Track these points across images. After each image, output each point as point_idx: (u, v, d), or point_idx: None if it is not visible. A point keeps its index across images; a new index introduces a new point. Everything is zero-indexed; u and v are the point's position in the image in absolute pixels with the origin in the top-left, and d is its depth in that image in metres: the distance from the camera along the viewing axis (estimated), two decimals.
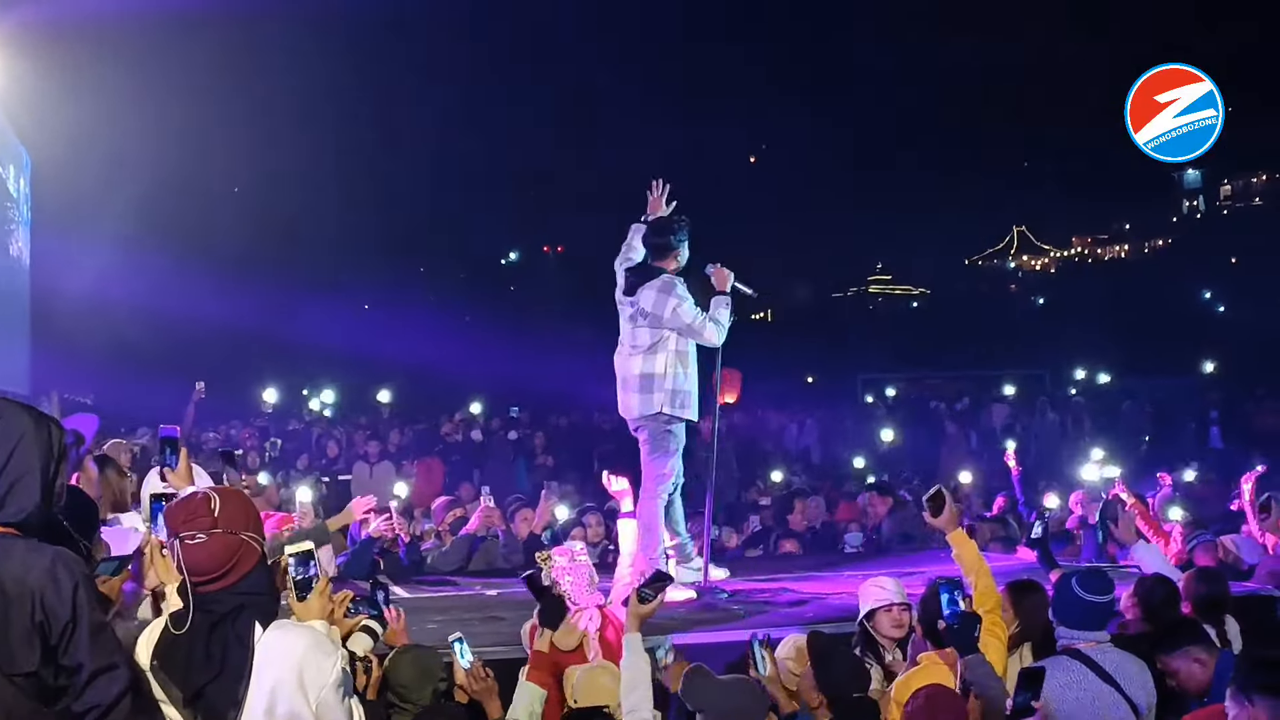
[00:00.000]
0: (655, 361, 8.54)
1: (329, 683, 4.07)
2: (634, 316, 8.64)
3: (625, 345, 8.73)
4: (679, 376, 8.58)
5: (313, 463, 16.21)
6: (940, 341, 40.97)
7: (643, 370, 8.57)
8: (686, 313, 8.52)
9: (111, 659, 3.97)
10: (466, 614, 8.03)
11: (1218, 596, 7.24)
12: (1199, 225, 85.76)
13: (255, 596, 4.16)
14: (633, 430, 8.84)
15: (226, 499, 4.24)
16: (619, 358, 8.80)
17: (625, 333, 8.74)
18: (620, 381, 8.76)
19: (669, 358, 8.54)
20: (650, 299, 8.53)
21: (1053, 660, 5.91)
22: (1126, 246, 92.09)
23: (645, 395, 8.58)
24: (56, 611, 3.89)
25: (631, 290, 8.66)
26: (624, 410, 8.77)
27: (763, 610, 8.30)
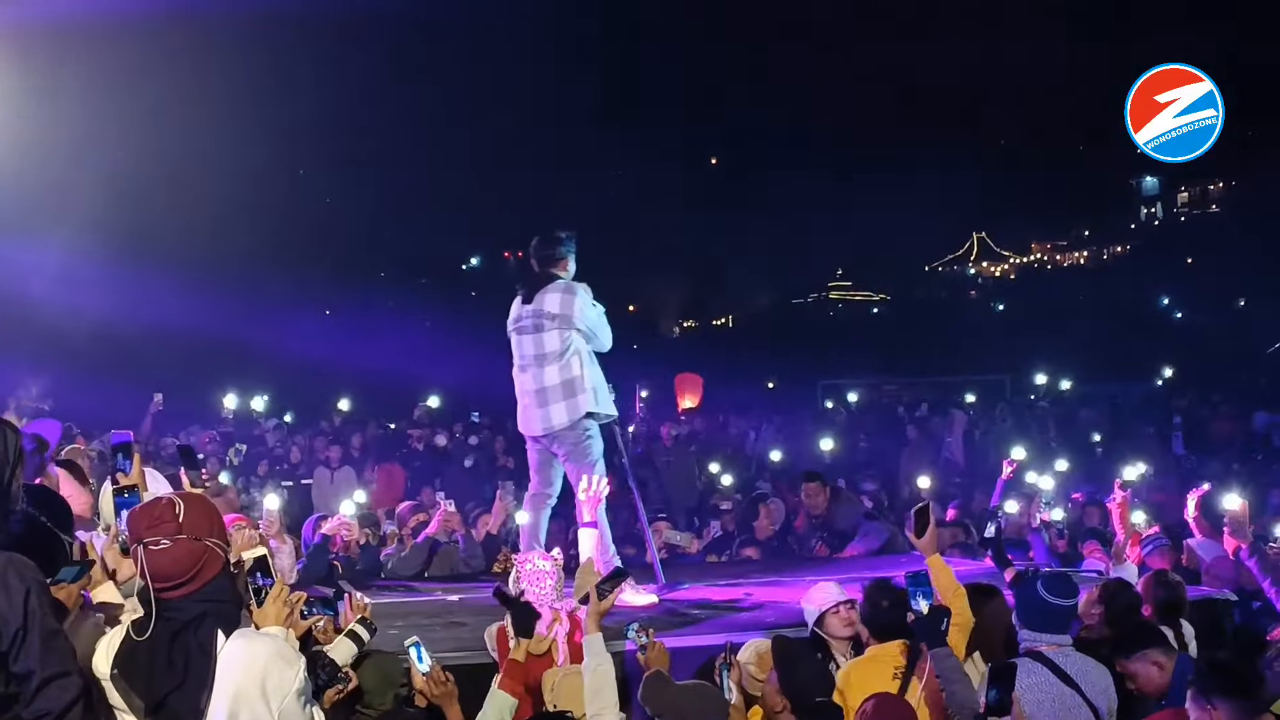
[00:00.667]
0: (571, 365, 8.47)
1: (291, 691, 4.05)
2: (538, 325, 8.52)
3: (530, 359, 8.58)
4: (594, 375, 8.55)
5: (273, 468, 16.14)
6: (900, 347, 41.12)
7: (562, 378, 8.47)
8: (593, 312, 8.55)
9: (63, 666, 3.91)
10: (427, 619, 8.00)
11: (1175, 600, 7.29)
12: (1157, 232, 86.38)
13: (218, 604, 4.14)
14: (545, 446, 8.68)
15: (191, 504, 4.21)
16: (525, 375, 8.63)
17: (528, 346, 8.59)
18: (533, 396, 8.57)
19: (582, 358, 8.49)
20: (556, 300, 8.48)
21: (1015, 662, 5.97)
22: (1085, 253, 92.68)
23: (571, 401, 8.48)
24: (7, 618, 3.84)
25: (530, 298, 8.59)
26: (541, 425, 8.58)
27: (724, 615, 8.30)
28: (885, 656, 6.25)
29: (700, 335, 56.75)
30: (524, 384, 8.63)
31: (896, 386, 31.43)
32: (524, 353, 8.62)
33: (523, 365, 8.64)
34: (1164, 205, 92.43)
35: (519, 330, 8.64)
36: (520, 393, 8.67)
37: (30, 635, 3.86)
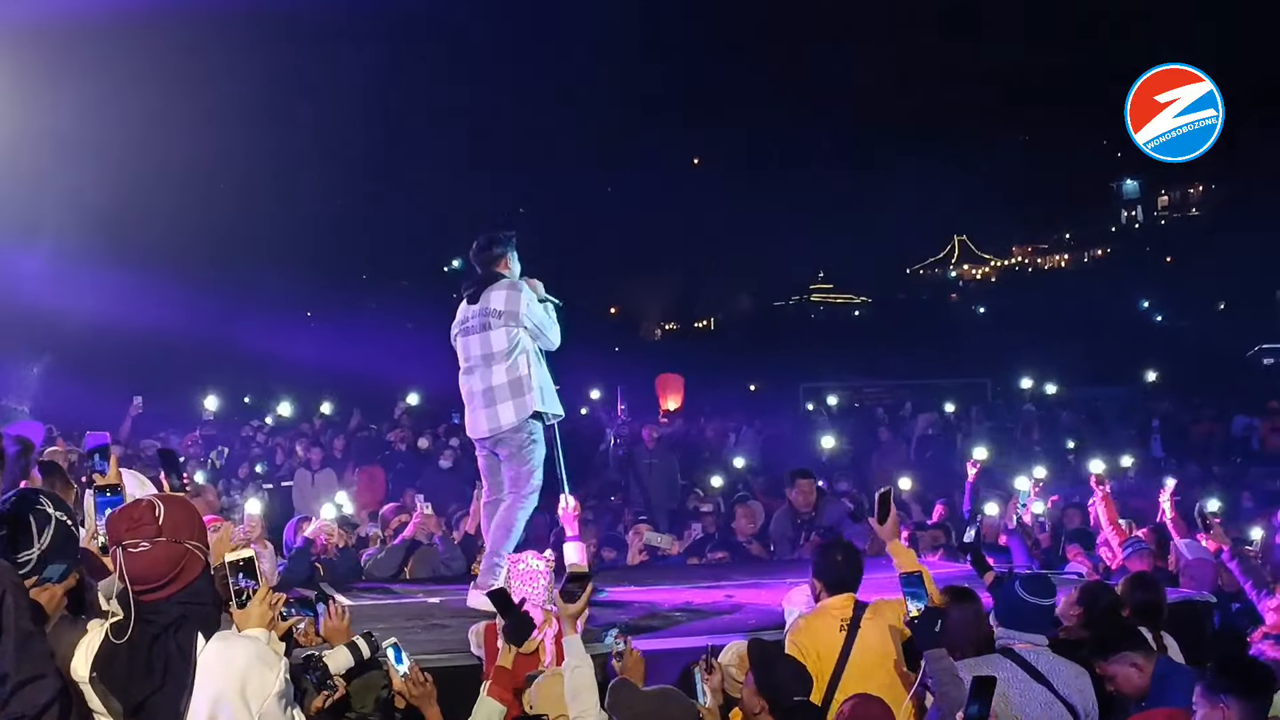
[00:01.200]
0: (518, 364, 8.35)
1: (271, 694, 4.04)
2: (485, 323, 8.41)
3: (477, 359, 8.44)
4: (541, 374, 8.43)
5: (254, 470, 16.11)
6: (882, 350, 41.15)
7: (509, 377, 8.35)
8: (538, 311, 8.44)
9: (38, 669, 3.86)
10: (408, 621, 7.99)
11: (1153, 602, 7.31)
12: (1138, 235, 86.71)
13: (198, 606, 4.12)
14: (490, 449, 8.56)
15: (171, 506, 4.19)
16: (473, 377, 8.48)
17: (475, 346, 8.47)
18: (480, 397, 8.42)
19: (529, 357, 8.38)
20: (502, 298, 8.38)
21: (984, 659, 5.99)
22: (1066, 256, 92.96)
23: (519, 400, 8.34)
24: None
25: (475, 298, 8.50)
26: (487, 425, 8.44)
27: (706, 617, 8.31)
28: (834, 608, 6.42)
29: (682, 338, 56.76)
30: (471, 385, 8.49)
31: (878, 389, 31.45)
32: (471, 354, 8.49)
33: (470, 367, 8.51)
34: (1144, 208, 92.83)
35: (465, 331, 8.52)
36: (467, 395, 8.52)
37: (5, 637, 3.81)
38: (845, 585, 6.53)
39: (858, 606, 6.42)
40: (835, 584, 6.54)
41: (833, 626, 6.34)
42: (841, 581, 6.54)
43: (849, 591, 6.51)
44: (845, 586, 6.53)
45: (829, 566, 6.62)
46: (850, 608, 6.40)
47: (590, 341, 26.98)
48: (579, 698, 5.57)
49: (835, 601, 6.46)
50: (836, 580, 6.55)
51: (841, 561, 6.59)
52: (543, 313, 8.47)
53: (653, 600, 8.87)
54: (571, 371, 21.95)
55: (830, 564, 6.62)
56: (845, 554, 6.65)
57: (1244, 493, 14.46)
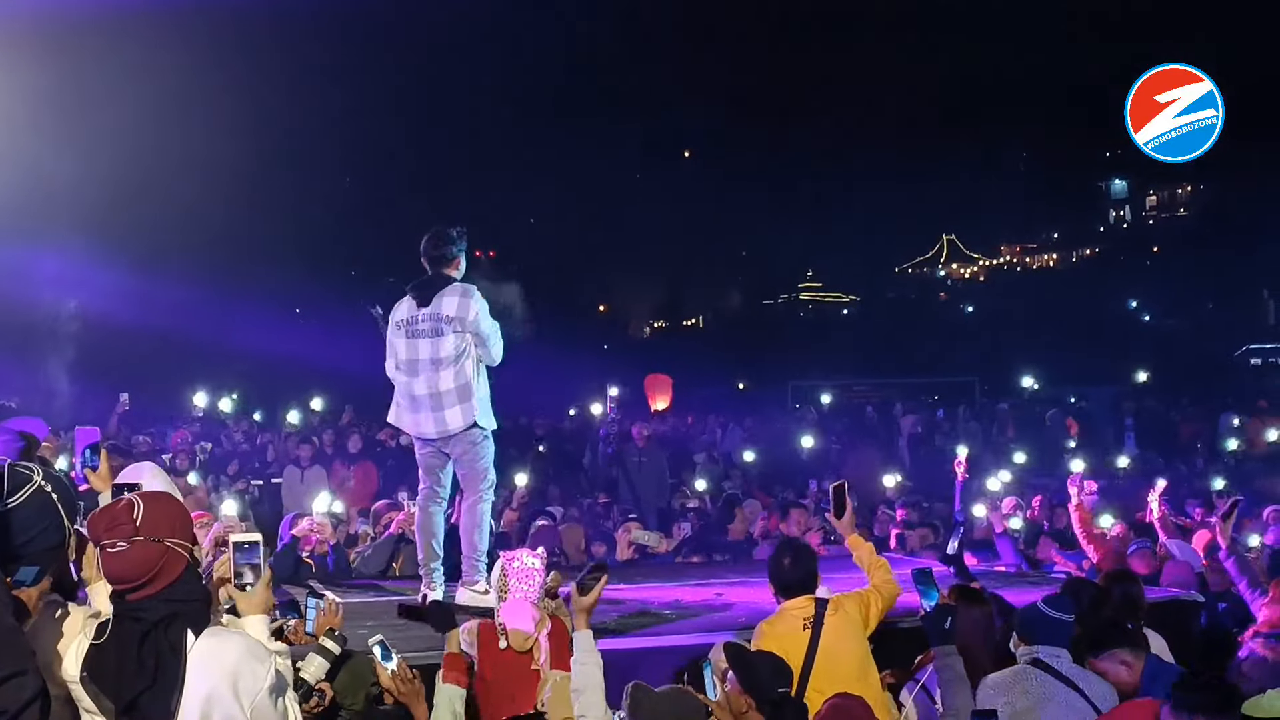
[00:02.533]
0: (465, 370, 8.23)
1: (263, 688, 4.02)
2: (437, 329, 8.24)
3: (425, 363, 8.26)
4: (483, 385, 8.36)
5: (244, 467, 16.08)
6: (871, 348, 41.20)
7: (456, 383, 8.21)
8: (487, 319, 8.29)
9: (18, 665, 3.77)
10: (397, 619, 7.99)
11: (1131, 597, 7.32)
12: (1126, 235, 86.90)
13: (186, 604, 4.10)
14: (438, 448, 8.45)
15: (151, 505, 4.15)
16: (418, 379, 8.29)
17: (424, 350, 8.28)
18: (427, 400, 8.28)
19: (473, 365, 8.27)
20: (454, 304, 8.22)
21: (1016, 671, 6.01)
22: (1055, 256, 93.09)
23: (465, 405, 8.24)
24: None
25: (426, 301, 8.32)
26: (436, 427, 8.32)
27: (695, 616, 8.31)
28: (794, 611, 6.47)
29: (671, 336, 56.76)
30: (414, 387, 8.31)
31: (867, 387, 31.47)
32: (418, 356, 8.30)
33: (413, 368, 8.32)
34: (1133, 208, 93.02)
35: (414, 334, 8.32)
36: (407, 395, 8.37)
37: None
38: (800, 588, 6.60)
39: (818, 604, 6.47)
40: (788, 587, 6.62)
41: (795, 627, 6.39)
42: (794, 584, 6.61)
43: (806, 593, 6.57)
44: (800, 589, 6.59)
45: (779, 571, 6.69)
46: (811, 606, 6.46)
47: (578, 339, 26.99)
48: (585, 694, 5.56)
49: (794, 603, 6.53)
50: (788, 584, 6.63)
51: (789, 565, 6.65)
52: (492, 324, 8.34)
53: (643, 598, 8.88)
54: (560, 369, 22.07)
55: (779, 569, 6.69)
56: (794, 556, 6.71)
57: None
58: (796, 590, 6.57)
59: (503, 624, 6.37)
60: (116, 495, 5.00)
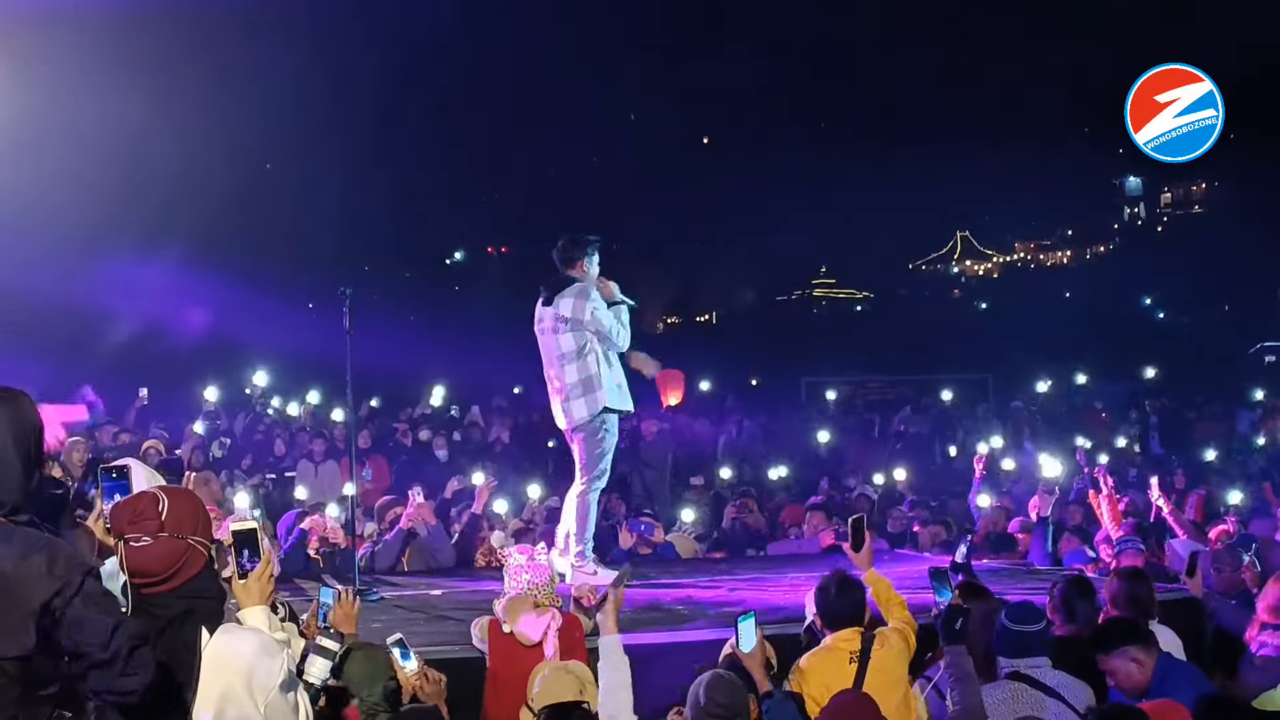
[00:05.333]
0: (588, 364, 8.99)
1: (276, 685, 4.04)
2: (556, 326, 9.06)
3: (553, 359, 9.12)
4: (611, 373, 9.05)
5: (257, 461, 16.08)
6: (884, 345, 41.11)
7: (580, 376, 9.00)
8: (604, 317, 9.00)
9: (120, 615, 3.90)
10: (411, 614, 8.03)
11: (1141, 595, 7.30)
12: (1140, 232, 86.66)
13: (202, 600, 4.12)
14: (569, 439, 9.28)
15: (176, 500, 4.18)
16: (550, 373, 9.21)
17: (551, 347, 9.15)
18: (557, 394, 9.18)
19: (598, 358, 9.00)
20: (569, 305, 8.99)
21: (994, 684, 6.00)
22: (1069, 252, 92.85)
23: (590, 397, 9.01)
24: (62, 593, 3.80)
25: (549, 301, 9.11)
26: (565, 420, 9.20)
27: (707, 612, 8.32)
28: (840, 644, 6.35)
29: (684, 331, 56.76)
30: (550, 381, 9.23)
31: (880, 384, 31.42)
32: (548, 353, 9.16)
33: (548, 364, 9.19)
34: (1147, 205, 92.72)
35: (540, 331, 9.21)
36: (550, 391, 9.28)
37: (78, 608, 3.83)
38: (846, 620, 6.45)
39: (865, 639, 6.35)
40: (834, 619, 6.47)
41: (841, 660, 6.27)
42: (842, 617, 6.46)
43: (853, 626, 6.43)
44: (847, 622, 6.45)
45: (826, 602, 6.54)
46: (857, 640, 6.33)
47: None
48: (617, 693, 5.54)
49: (841, 636, 6.38)
50: (836, 616, 6.47)
51: (837, 597, 6.50)
52: (609, 317, 9.04)
53: (654, 595, 8.90)
54: None
55: (827, 600, 6.53)
56: (842, 588, 6.54)
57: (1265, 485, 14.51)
58: (844, 623, 6.42)
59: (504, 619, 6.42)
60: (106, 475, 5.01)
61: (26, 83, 16.40)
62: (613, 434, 9.20)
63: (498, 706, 6.24)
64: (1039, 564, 10.64)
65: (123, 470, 4.91)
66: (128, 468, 4.94)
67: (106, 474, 4.95)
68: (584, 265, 9.21)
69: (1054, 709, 5.88)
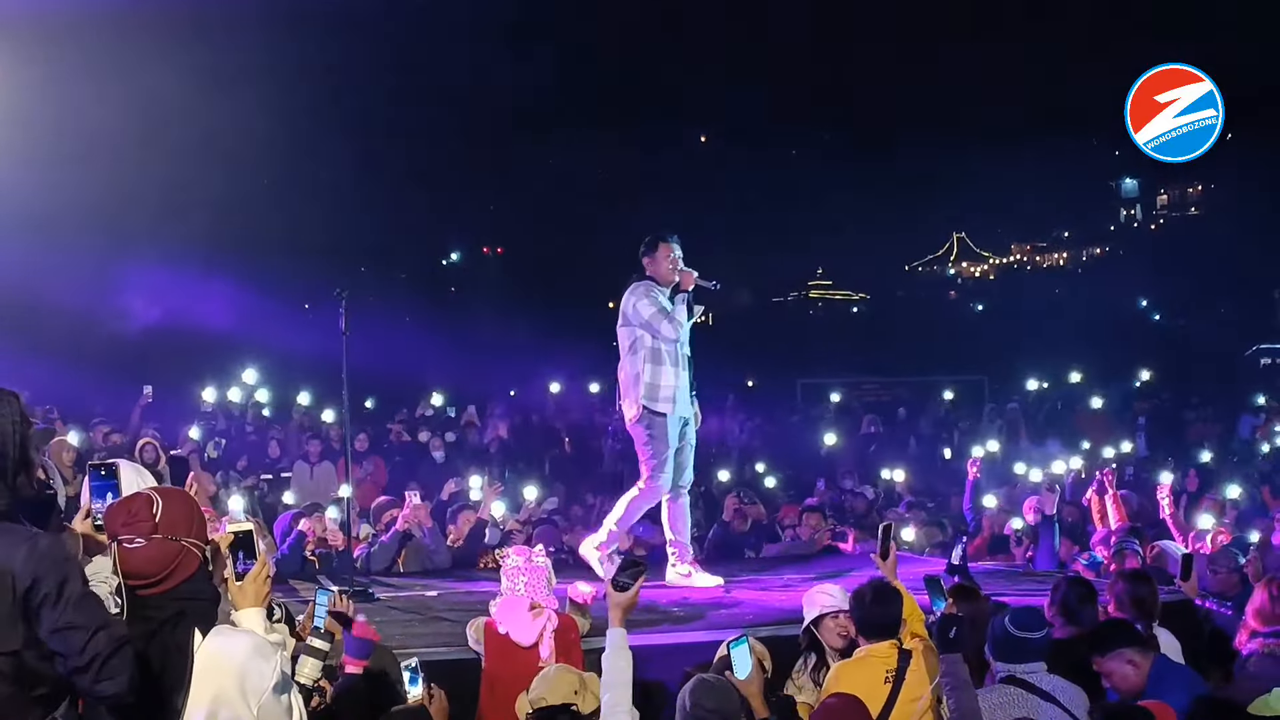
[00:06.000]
0: (635, 362, 9.04)
1: (269, 687, 4.02)
2: (618, 322, 9.19)
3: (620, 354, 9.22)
4: (655, 372, 9.00)
5: (254, 462, 16.04)
6: (880, 347, 41.14)
7: (630, 372, 9.08)
8: (644, 308, 8.99)
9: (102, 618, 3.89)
10: (406, 615, 8.01)
11: (1145, 598, 7.30)
12: (1136, 234, 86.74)
13: (195, 602, 4.11)
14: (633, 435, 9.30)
15: (170, 502, 4.17)
16: None
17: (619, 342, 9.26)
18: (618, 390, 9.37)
19: (645, 354, 9.00)
20: (623, 301, 9.13)
21: (989, 689, 5.99)
22: (1065, 254, 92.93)
23: (633, 393, 9.07)
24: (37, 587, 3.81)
25: (619, 299, 9.25)
26: (623, 417, 9.38)
27: (702, 614, 8.31)
28: (876, 657, 6.26)
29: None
30: None
31: (875, 385, 31.39)
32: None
33: None
34: (1143, 207, 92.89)
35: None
36: None
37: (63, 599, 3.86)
38: (883, 631, 6.32)
39: (902, 655, 6.25)
40: (870, 628, 6.34)
41: (877, 677, 6.16)
42: (881, 627, 6.33)
43: (890, 638, 6.30)
44: (884, 632, 6.32)
45: (864, 612, 6.39)
46: (894, 657, 6.23)
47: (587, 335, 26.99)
48: (615, 687, 5.49)
49: (878, 649, 6.27)
50: (875, 626, 6.34)
51: (876, 607, 6.34)
52: (650, 308, 9.02)
53: (649, 596, 8.86)
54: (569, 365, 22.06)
55: (864, 609, 6.39)
56: (882, 598, 6.37)
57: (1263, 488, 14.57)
58: (882, 634, 6.31)
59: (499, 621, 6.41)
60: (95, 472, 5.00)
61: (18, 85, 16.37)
62: (663, 437, 9.07)
63: (493, 708, 6.23)
64: (1047, 566, 10.62)
65: (111, 469, 4.90)
66: (115, 466, 4.93)
67: (95, 472, 4.95)
68: (647, 262, 9.27)
69: (1050, 713, 5.87)
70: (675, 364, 9.08)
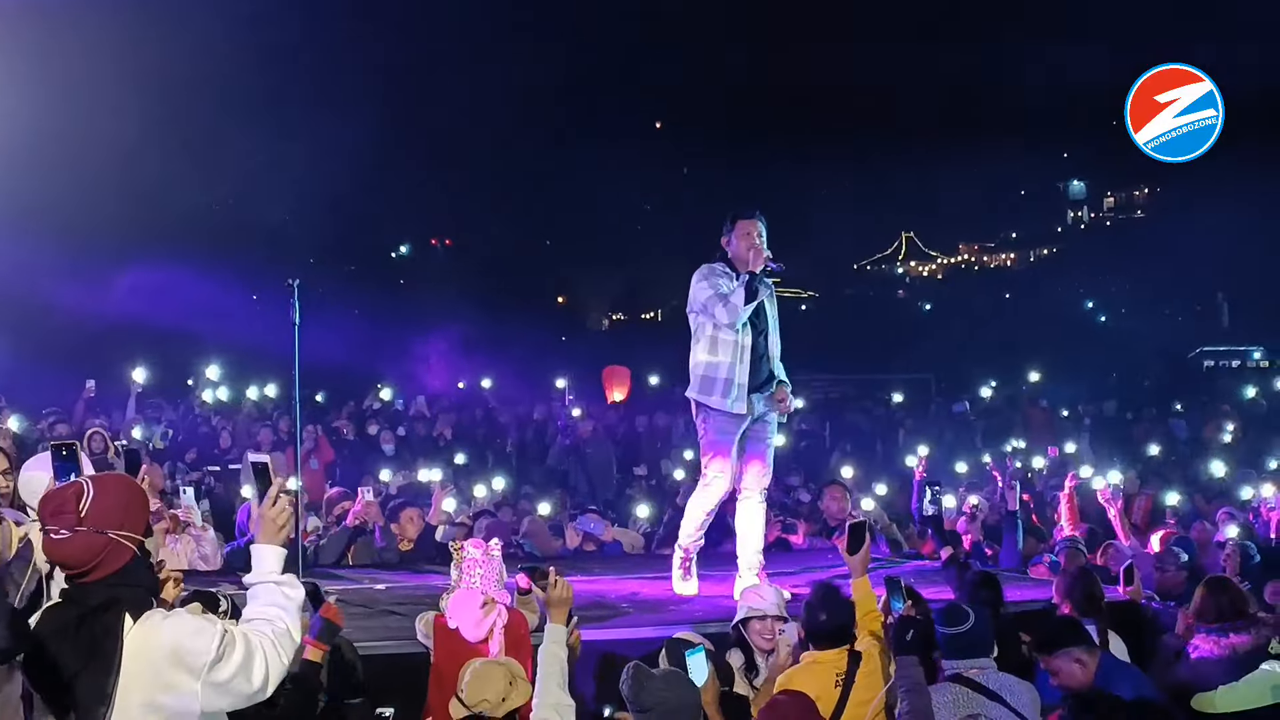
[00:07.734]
0: (697, 350, 8.59)
1: (210, 659, 3.96)
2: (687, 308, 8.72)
3: None
4: (708, 364, 8.51)
5: (202, 454, 15.92)
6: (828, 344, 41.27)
7: (693, 360, 8.60)
8: (700, 292, 8.54)
9: None
10: (354, 608, 7.94)
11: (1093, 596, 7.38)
12: (1083, 236, 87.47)
13: (130, 589, 4.06)
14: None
15: (100, 494, 4.08)
16: None
17: None
18: None
19: (705, 344, 8.54)
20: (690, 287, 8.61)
21: (935, 687, 6.01)
22: (1013, 255, 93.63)
23: (692, 382, 8.61)
24: None
25: None
26: None
27: (652, 609, 8.32)
28: (824, 664, 6.26)
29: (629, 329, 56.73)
30: None
31: (823, 383, 31.47)
32: None
33: None
34: (1090, 209, 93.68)
35: None
36: None
37: None
38: (831, 639, 6.32)
39: (852, 658, 6.27)
40: (822, 638, 6.33)
41: (827, 683, 6.16)
42: (830, 635, 6.32)
43: (839, 646, 6.30)
44: (833, 640, 6.32)
45: (814, 621, 6.37)
46: (844, 661, 6.25)
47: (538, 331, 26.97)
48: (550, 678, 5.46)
49: (827, 656, 6.28)
50: (824, 635, 6.33)
51: (826, 616, 6.34)
52: (706, 291, 8.54)
53: (599, 590, 8.88)
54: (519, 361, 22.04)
55: (814, 619, 6.36)
56: (831, 606, 6.37)
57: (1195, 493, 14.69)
58: (831, 643, 6.30)
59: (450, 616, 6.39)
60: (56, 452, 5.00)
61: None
62: (711, 435, 8.52)
63: (441, 703, 6.20)
64: (1009, 563, 10.67)
65: (71, 449, 4.91)
66: (75, 446, 4.94)
67: (56, 452, 4.95)
68: (727, 242, 8.86)
69: (995, 712, 5.89)
70: (735, 354, 8.49)
